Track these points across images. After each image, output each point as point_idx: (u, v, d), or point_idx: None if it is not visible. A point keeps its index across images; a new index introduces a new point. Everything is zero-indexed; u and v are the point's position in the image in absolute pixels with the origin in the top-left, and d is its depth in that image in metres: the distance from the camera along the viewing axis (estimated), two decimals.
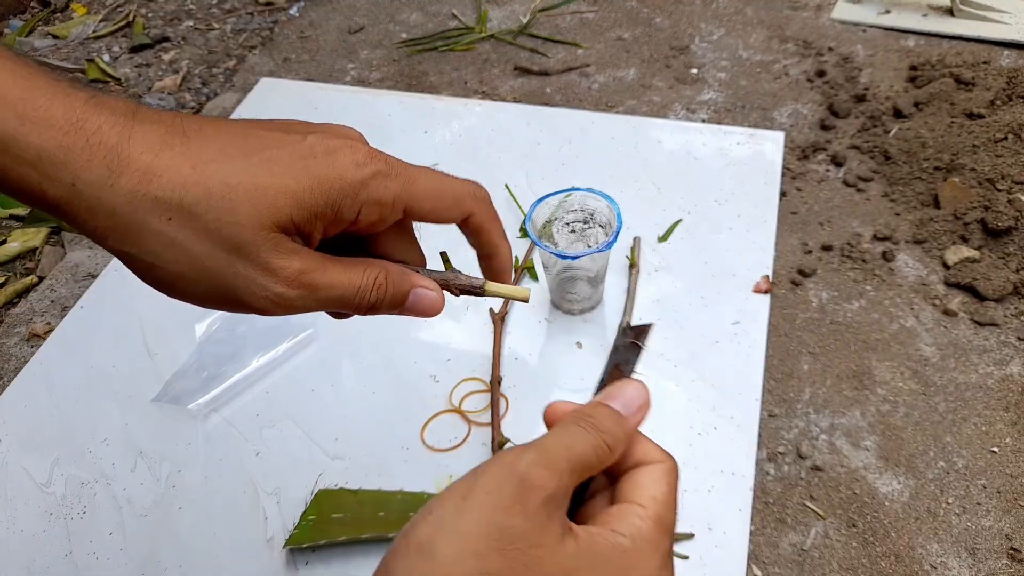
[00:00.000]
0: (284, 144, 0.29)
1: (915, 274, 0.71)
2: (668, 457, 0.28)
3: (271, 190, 0.28)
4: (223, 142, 0.28)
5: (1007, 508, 0.56)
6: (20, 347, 0.72)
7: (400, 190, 0.30)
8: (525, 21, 1.03)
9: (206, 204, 0.27)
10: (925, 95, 0.85)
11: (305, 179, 0.28)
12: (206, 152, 0.28)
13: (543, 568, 0.24)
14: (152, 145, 0.27)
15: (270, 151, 0.29)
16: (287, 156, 0.29)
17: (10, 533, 0.58)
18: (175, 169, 0.27)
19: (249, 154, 0.28)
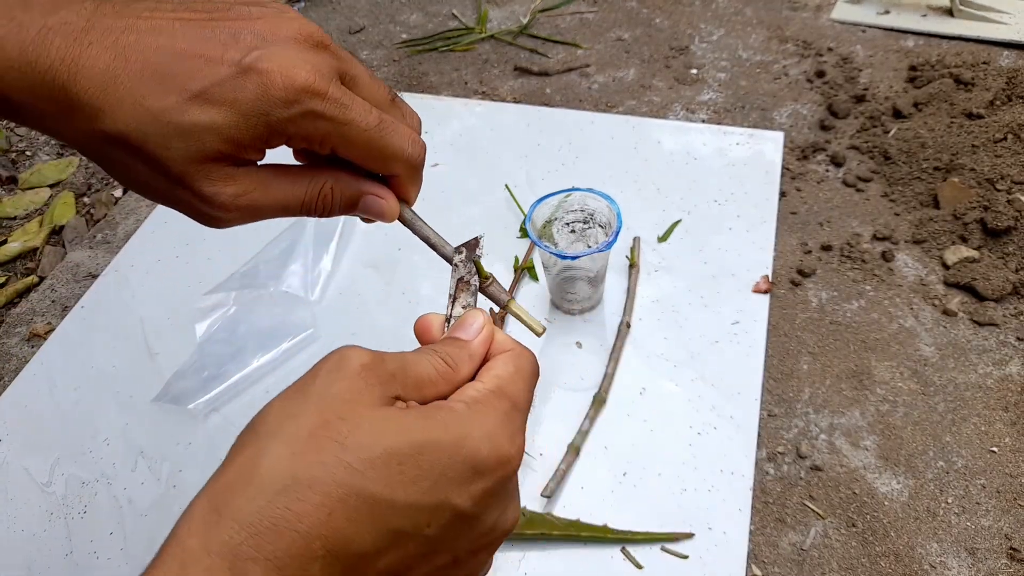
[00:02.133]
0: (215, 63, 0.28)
1: (914, 274, 0.71)
2: (519, 345, 0.31)
3: (198, 128, 0.28)
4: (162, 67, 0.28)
5: (1006, 508, 0.56)
6: (21, 347, 0.72)
7: (330, 131, 0.30)
8: (525, 21, 1.03)
9: (144, 139, 0.28)
10: (925, 95, 0.85)
11: (231, 115, 0.28)
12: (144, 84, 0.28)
13: (360, 420, 0.24)
14: (95, 81, 0.28)
15: (200, 80, 0.28)
16: (216, 85, 0.28)
17: (11, 533, 0.58)
18: (117, 107, 0.28)
19: (183, 86, 0.28)
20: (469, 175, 0.81)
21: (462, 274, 0.33)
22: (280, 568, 0.22)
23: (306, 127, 0.29)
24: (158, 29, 0.29)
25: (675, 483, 0.57)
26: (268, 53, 0.28)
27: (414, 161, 0.33)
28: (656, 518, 0.55)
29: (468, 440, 0.25)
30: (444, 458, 0.24)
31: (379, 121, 0.31)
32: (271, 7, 0.31)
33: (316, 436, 0.23)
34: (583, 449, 0.59)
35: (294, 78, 0.28)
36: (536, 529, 0.54)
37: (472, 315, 0.31)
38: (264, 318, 0.68)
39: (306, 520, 0.22)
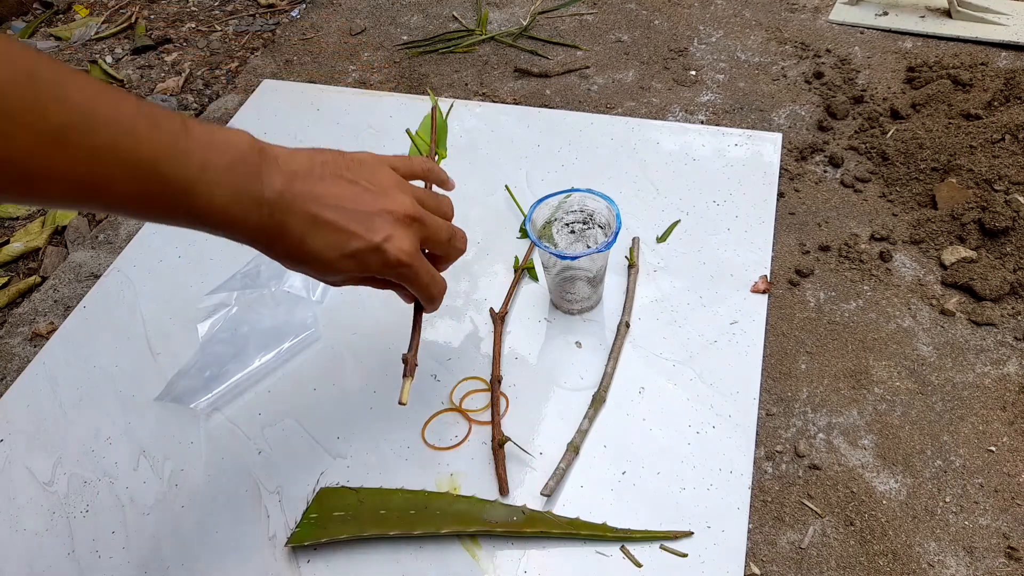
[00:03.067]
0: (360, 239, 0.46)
1: (912, 274, 0.71)
2: None
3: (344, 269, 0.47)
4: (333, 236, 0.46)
5: (1004, 507, 0.56)
6: (23, 347, 0.73)
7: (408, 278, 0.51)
8: (525, 23, 1.04)
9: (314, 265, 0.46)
10: (923, 96, 0.85)
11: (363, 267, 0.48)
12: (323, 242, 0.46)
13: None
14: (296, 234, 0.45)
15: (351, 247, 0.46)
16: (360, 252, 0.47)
17: (13, 532, 0.58)
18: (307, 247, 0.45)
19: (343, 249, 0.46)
20: (469, 176, 0.82)
21: None
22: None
23: (395, 276, 0.49)
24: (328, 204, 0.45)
25: (674, 482, 0.57)
26: (388, 241, 0.46)
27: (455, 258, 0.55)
28: (655, 516, 0.55)
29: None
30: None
31: (430, 279, 0.51)
32: (388, 176, 0.49)
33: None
34: (583, 448, 0.59)
35: (399, 257, 0.47)
36: (536, 528, 0.54)
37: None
38: (266, 318, 0.68)
39: None
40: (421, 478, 0.58)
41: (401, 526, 0.54)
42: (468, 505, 0.56)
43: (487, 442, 0.60)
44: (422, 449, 0.60)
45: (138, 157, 0.36)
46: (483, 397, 0.63)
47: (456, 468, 0.59)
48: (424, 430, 0.61)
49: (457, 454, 0.60)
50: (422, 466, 0.59)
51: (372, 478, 0.59)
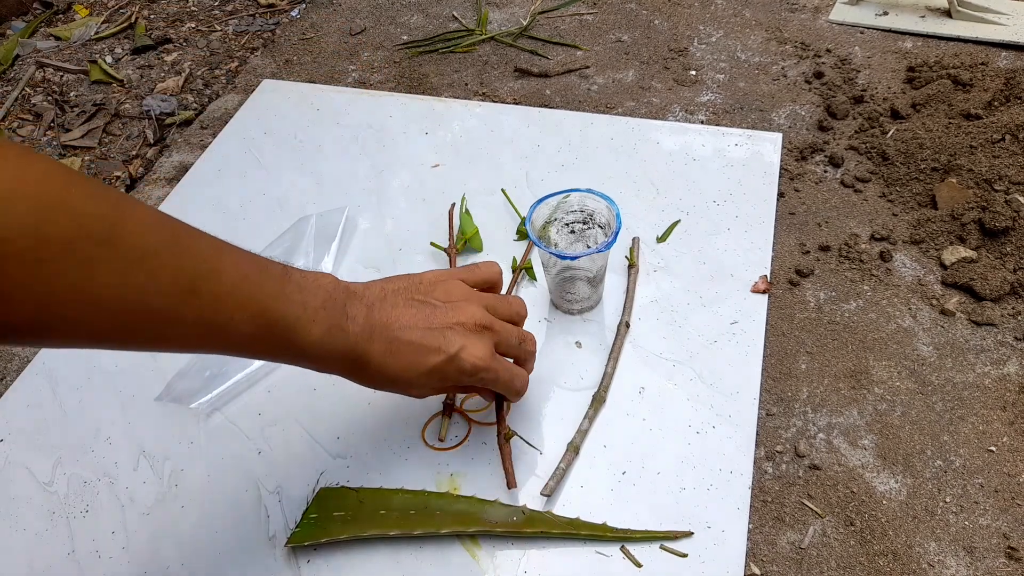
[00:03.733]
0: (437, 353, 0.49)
1: (912, 274, 0.71)
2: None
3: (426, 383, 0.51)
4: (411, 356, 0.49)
5: (1004, 507, 0.56)
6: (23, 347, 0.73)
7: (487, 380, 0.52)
8: (525, 23, 1.04)
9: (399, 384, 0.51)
10: (923, 96, 0.85)
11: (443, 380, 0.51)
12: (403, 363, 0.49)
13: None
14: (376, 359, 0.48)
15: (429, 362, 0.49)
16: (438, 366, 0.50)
17: (13, 532, 0.58)
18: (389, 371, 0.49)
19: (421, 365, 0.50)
20: (469, 176, 0.82)
21: None
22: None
23: (476, 381, 0.52)
24: (404, 326, 0.49)
25: (674, 482, 0.57)
26: (463, 351, 0.49)
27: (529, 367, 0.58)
28: (655, 517, 0.55)
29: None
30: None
31: (511, 376, 0.54)
32: (458, 290, 0.52)
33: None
34: (582, 448, 0.59)
35: (476, 364, 0.50)
36: (536, 528, 0.54)
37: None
38: None
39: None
40: (421, 478, 0.58)
41: (401, 526, 0.54)
42: (468, 505, 0.56)
43: (487, 442, 0.60)
44: (422, 449, 0.60)
45: (254, 300, 0.41)
46: (483, 398, 0.63)
47: (456, 468, 0.59)
48: (424, 430, 0.61)
49: (457, 454, 0.60)
50: (422, 466, 0.59)
51: (372, 478, 0.59)
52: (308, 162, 0.85)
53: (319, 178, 0.83)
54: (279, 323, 0.43)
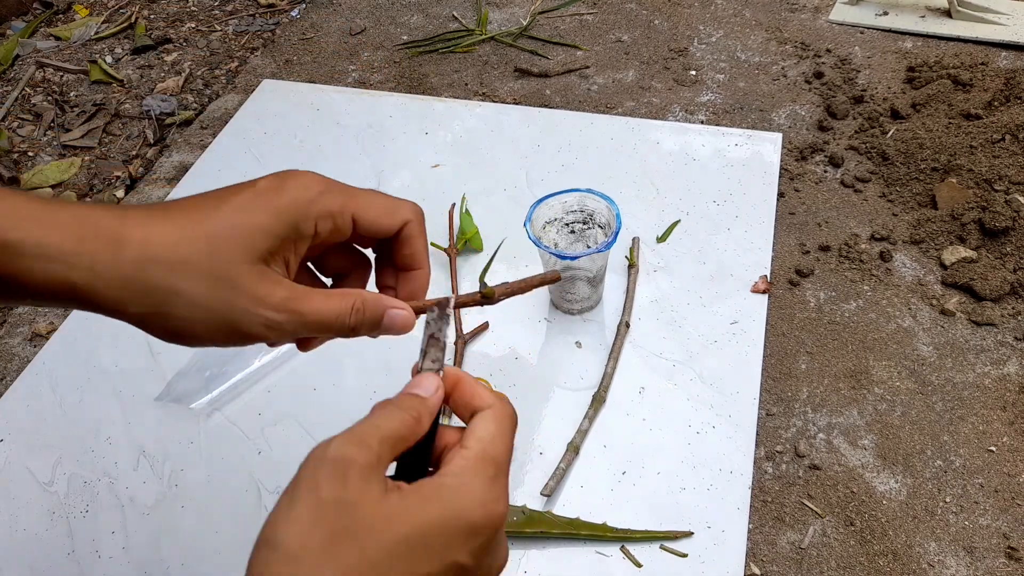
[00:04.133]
0: (241, 191, 0.35)
1: (912, 274, 0.71)
2: (499, 401, 0.33)
3: (243, 229, 0.34)
4: (195, 205, 0.35)
5: (1004, 507, 0.56)
6: (23, 347, 0.73)
7: (345, 200, 0.36)
8: (525, 23, 1.04)
9: (197, 256, 0.33)
10: (923, 96, 0.85)
11: (266, 212, 0.34)
12: (184, 217, 0.34)
13: (372, 519, 0.27)
14: (142, 221, 0.33)
15: (232, 199, 0.35)
16: (247, 200, 0.35)
17: (13, 532, 0.58)
18: (165, 232, 0.33)
19: (218, 207, 0.34)
20: (469, 176, 0.82)
21: (433, 331, 0.35)
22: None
23: (326, 202, 0.36)
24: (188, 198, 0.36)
25: (674, 482, 0.57)
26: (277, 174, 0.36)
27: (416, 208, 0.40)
28: (655, 517, 0.55)
29: (463, 512, 0.29)
30: (448, 531, 0.28)
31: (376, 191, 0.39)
32: None
33: (338, 543, 0.27)
34: (582, 448, 0.59)
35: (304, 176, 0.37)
36: (536, 528, 0.54)
37: (427, 376, 0.34)
38: None
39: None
40: None
41: None
42: None
43: None
44: None
45: None
46: None
47: None
48: None
49: None
50: None
51: None
52: (308, 162, 0.85)
53: None
54: None
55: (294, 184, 0.36)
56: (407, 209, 0.38)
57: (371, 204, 0.37)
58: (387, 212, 0.38)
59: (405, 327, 0.37)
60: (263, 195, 0.35)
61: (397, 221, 0.38)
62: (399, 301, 0.38)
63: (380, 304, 0.37)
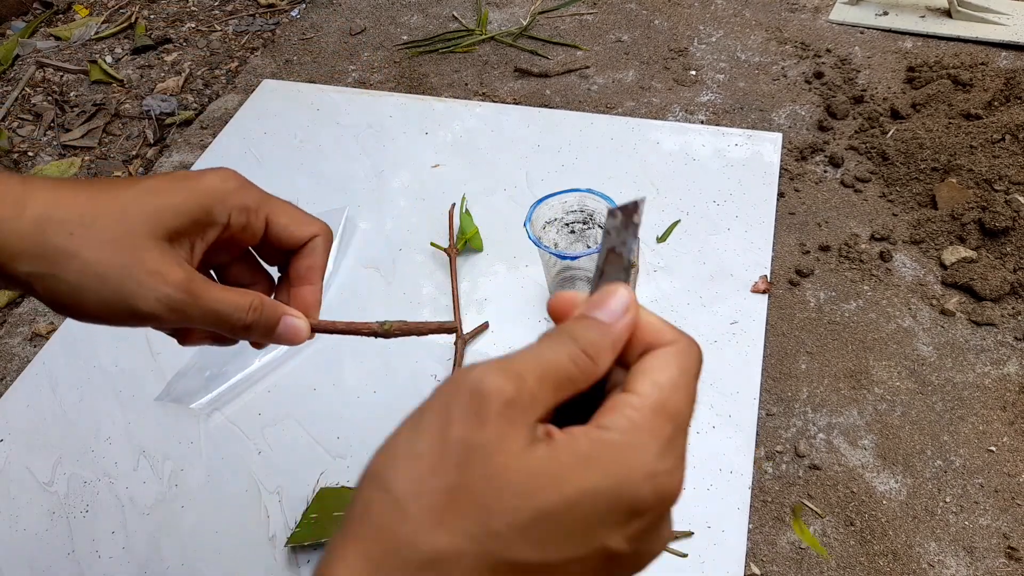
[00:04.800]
0: (161, 176, 0.35)
1: (912, 274, 0.71)
2: (682, 337, 0.26)
3: (155, 205, 0.33)
4: (109, 181, 0.34)
5: (1004, 507, 0.56)
6: (23, 347, 0.73)
7: (262, 200, 0.36)
8: (525, 23, 1.04)
9: (102, 221, 0.32)
10: (923, 96, 0.85)
11: (182, 193, 0.34)
12: (95, 188, 0.34)
13: (507, 476, 0.21)
14: (49, 185, 0.33)
15: (149, 180, 0.34)
16: (166, 181, 0.35)
17: (13, 532, 0.58)
18: (72, 197, 0.33)
19: (133, 184, 0.34)
20: (469, 176, 0.82)
21: (614, 243, 0.26)
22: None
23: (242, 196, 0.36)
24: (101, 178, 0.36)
25: None
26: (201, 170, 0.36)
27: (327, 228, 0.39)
28: None
29: (628, 483, 0.22)
30: (602, 507, 0.21)
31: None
32: None
33: (459, 501, 0.21)
34: None
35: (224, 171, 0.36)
36: None
37: (613, 291, 0.25)
38: None
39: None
40: None
41: None
42: None
43: None
44: None
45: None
46: None
47: None
48: None
49: None
50: None
51: None
52: (308, 162, 0.85)
53: (319, 178, 0.83)
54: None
55: (215, 175, 0.36)
56: (318, 226, 0.39)
57: (285, 211, 0.37)
58: (299, 222, 0.38)
59: (297, 337, 0.37)
60: (181, 180, 0.35)
61: (306, 233, 0.38)
62: (297, 311, 0.37)
63: (278, 309, 0.37)
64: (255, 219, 0.36)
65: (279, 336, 0.37)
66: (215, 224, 0.35)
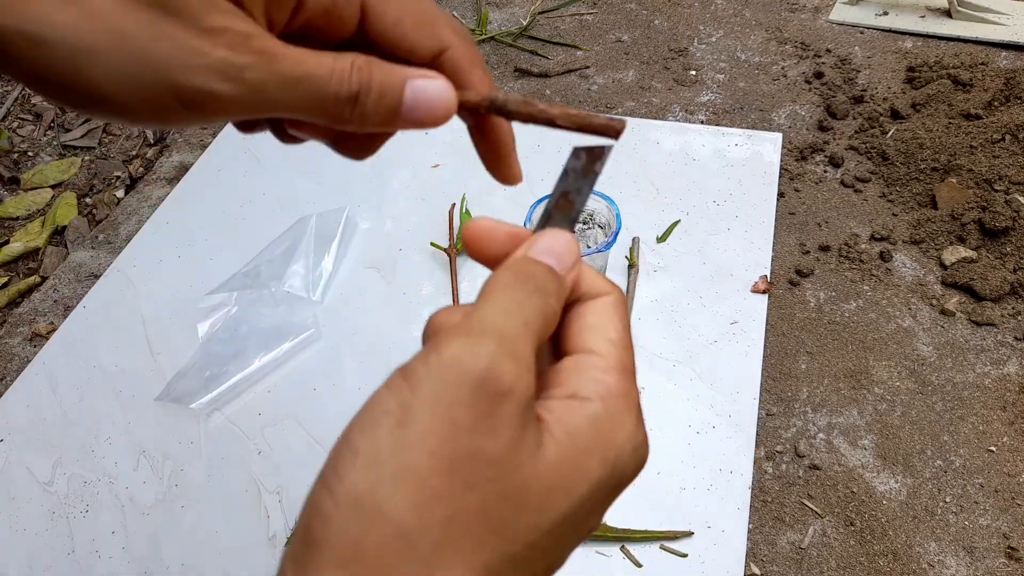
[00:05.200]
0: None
1: (912, 274, 0.71)
2: (614, 286, 0.24)
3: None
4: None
5: (1004, 507, 0.56)
6: (23, 347, 0.73)
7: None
8: (525, 23, 1.04)
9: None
10: (923, 96, 0.85)
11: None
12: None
13: (524, 495, 0.18)
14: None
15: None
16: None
17: (13, 532, 0.58)
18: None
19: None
20: (469, 176, 0.82)
21: (569, 187, 0.24)
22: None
23: None
24: None
25: (674, 482, 0.57)
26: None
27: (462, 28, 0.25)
28: (655, 516, 0.55)
29: (620, 463, 0.21)
30: (602, 496, 0.21)
31: None
32: None
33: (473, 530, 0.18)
34: None
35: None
36: None
37: (562, 236, 0.23)
38: (266, 318, 0.68)
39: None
40: None
41: None
42: None
43: None
44: None
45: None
46: None
47: None
48: None
49: None
50: None
51: None
52: (308, 162, 0.85)
53: (319, 178, 0.83)
54: None
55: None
56: (447, 28, 0.24)
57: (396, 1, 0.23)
58: (420, 20, 0.24)
59: (441, 102, 0.23)
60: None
61: (429, 41, 0.24)
62: (422, 69, 0.23)
63: (396, 69, 0.23)
64: (344, 2, 0.23)
65: (410, 112, 0.23)
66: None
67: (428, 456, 0.18)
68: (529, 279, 0.21)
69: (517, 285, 0.21)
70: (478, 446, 0.18)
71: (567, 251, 0.23)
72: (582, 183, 0.24)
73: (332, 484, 0.18)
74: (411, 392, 0.18)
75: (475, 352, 0.18)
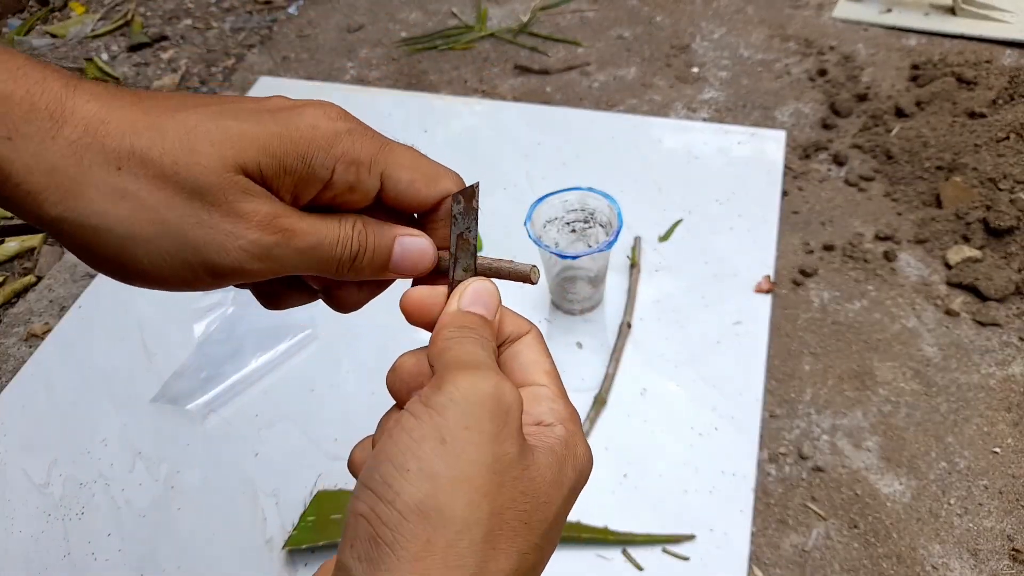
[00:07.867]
0: (245, 100, 0.26)
1: (917, 274, 0.71)
2: (531, 324, 0.29)
3: (235, 133, 0.24)
4: (178, 98, 0.25)
5: (1009, 509, 0.55)
6: (18, 347, 0.72)
7: (377, 151, 0.27)
8: (525, 20, 1.03)
9: (161, 147, 0.23)
10: (927, 94, 0.84)
11: (273, 126, 0.25)
12: (160, 103, 0.24)
13: (537, 489, 0.23)
14: (99, 95, 0.24)
15: (231, 104, 0.25)
16: (250, 107, 0.25)
17: (8, 534, 0.58)
18: (125, 117, 0.24)
19: (207, 104, 0.25)
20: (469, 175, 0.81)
21: (461, 229, 0.28)
22: None
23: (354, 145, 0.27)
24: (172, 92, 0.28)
25: (676, 484, 0.57)
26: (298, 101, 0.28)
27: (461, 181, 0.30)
28: (657, 519, 0.55)
29: (585, 470, 0.26)
30: (575, 496, 0.26)
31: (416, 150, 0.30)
32: None
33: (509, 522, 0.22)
34: None
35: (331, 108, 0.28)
36: None
37: (487, 290, 0.27)
38: (262, 318, 0.68)
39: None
40: None
41: None
42: None
43: None
44: None
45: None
46: None
47: None
48: None
49: None
50: None
51: None
52: None
53: None
54: None
55: (317, 110, 0.26)
56: (450, 179, 0.29)
57: (408, 162, 0.28)
58: (428, 177, 0.28)
59: (422, 260, 0.28)
60: (271, 109, 0.26)
61: (436, 192, 0.28)
62: (413, 228, 0.29)
63: (387, 230, 0.28)
64: (367, 177, 0.27)
65: (397, 265, 0.28)
66: (313, 179, 0.25)
67: (471, 464, 0.22)
68: (471, 330, 0.26)
69: (463, 335, 0.26)
70: (503, 451, 0.22)
71: (491, 299, 0.28)
72: (469, 221, 0.29)
73: (389, 498, 0.21)
74: (441, 417, 0.22)
75: (484, 379, 0.23)
